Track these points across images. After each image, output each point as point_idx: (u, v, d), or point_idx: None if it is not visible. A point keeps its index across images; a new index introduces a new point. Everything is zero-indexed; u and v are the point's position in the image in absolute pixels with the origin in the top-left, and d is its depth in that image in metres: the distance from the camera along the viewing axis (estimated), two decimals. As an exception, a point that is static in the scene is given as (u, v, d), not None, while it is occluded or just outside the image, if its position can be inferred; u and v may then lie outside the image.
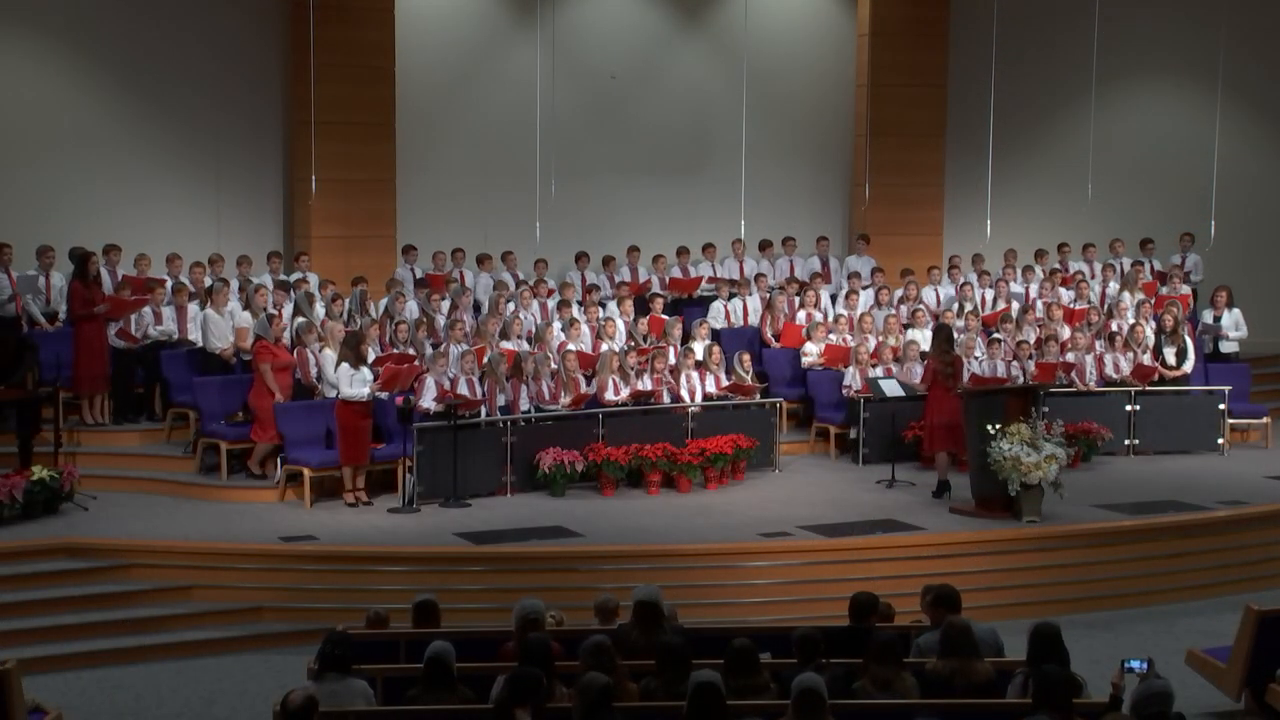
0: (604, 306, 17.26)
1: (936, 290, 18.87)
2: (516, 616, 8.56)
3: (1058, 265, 19.66)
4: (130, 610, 12.00)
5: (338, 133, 17.84)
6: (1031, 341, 16.98)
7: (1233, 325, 18.39)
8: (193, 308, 15.72)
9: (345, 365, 14.20)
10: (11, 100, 17.01)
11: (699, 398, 15.87)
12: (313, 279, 16.84)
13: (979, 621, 8.76)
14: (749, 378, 16.24)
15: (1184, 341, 17.47)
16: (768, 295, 18.23)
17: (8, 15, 17.07)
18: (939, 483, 14.70)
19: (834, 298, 18.55)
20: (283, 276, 16.84)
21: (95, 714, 10.35)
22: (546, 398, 15.23)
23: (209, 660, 11.52)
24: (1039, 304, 18.35)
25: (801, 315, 17.93)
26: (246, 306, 15.52)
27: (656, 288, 18.49)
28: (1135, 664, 7.60)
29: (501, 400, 15.00)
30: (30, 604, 11.82)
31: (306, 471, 14.12)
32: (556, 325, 16.43)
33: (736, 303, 18.29)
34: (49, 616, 11.74)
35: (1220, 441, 17.12)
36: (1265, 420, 17.74)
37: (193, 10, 17.86)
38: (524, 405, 15.04)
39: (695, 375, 15.98)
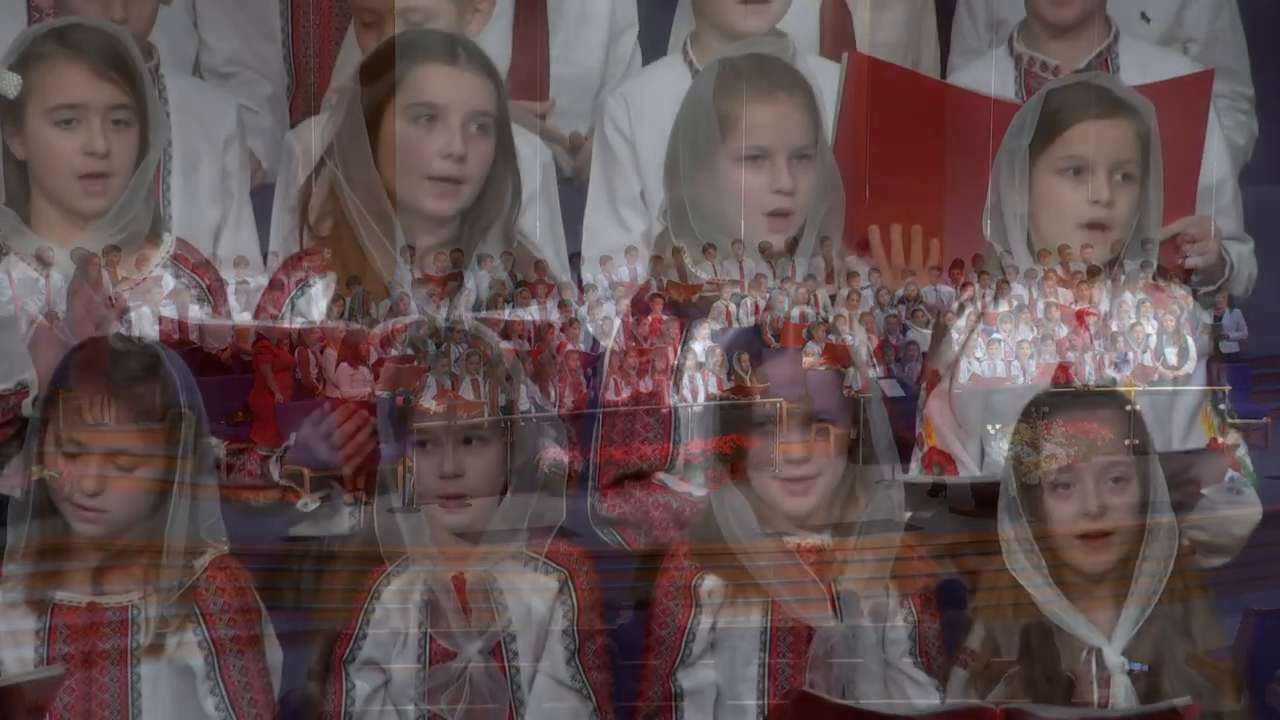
0: (602, 306, 17.27)
1: (936, 290, 18.87)
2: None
3: (1058, 265, 19.67)
4: (131, 610, 11.97)
5: (338, 133, 17.84)
6: (1031, 341, 16.98)
7: (1234, 325, 18.35)
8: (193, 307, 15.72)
9: (344, 365, 14.19)
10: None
11: (700, 398, 15.85)
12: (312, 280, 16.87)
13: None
14: (749, 378, 16.22)
15: (1185, 341, 17.46)
16: (768, 296, 18.23)
17: (9, 16, 17.08)
18: (935, 482, 14.69)
19: (834, 298, 18.56)
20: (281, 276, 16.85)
21: (96, 714, 10.32)
22: (551, 398, 15.20)
23: (209, 660, 11.48)
24: (1040, 304, 18.36)
25: (796, 314, 17.93)
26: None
27: (655, 288, 18.48)
28: (1136, 665, 7.59)
29: (503, 400, 15.00)
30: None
31: (306, 472, 14.08)
32: (557, 325, 16.44)
33: (746, 302, 18.28)
34: (50, 616, 11.72)
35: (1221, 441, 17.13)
36: (1265, 420, 17.70)
37: (193, 10, 17.89)
38: (524, 405, 15.04)
39: (698, 376, 15.96)
